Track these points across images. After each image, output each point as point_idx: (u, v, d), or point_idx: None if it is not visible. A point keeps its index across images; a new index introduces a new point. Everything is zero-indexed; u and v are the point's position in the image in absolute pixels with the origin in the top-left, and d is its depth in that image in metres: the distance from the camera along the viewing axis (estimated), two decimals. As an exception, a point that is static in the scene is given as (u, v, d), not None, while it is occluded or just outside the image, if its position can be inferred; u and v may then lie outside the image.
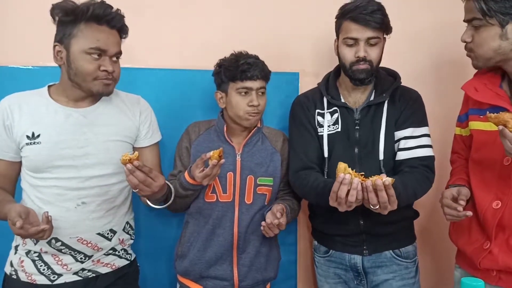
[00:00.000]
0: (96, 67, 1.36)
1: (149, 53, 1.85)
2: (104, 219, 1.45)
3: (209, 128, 1.67)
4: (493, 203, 1.39)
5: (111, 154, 1.43)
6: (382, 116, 1.60)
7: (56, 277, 1.41)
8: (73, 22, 1.35)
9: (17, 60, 1.75)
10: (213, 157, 1.42)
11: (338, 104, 1.64)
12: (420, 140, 1.58)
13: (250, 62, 1.55)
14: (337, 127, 1.63)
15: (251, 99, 1.56)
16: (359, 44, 1.53)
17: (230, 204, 1.59)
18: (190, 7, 1.89)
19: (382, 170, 1.57)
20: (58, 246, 1.40)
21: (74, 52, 1.35)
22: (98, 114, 1.45)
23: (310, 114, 1.67)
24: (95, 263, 1.46)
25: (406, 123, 1.59)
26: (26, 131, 1.38)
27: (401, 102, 1.62)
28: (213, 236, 1.60)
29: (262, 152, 1.65)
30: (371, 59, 1.55)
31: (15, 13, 1.77)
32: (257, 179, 1.61)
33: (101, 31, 1.37)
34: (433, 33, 2.01)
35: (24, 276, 1.41)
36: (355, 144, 1.60)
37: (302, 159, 1.62)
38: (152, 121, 1.58)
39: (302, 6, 1.95)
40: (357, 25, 1.51)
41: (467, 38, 1.38)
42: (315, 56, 1.95)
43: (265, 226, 1.50)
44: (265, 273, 1.64)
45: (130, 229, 1.57)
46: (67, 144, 1.38)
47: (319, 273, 1.72)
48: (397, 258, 1.60)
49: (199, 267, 1.60)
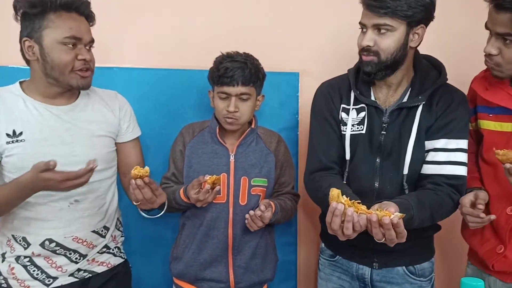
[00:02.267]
0: (73, 56, 1.32)
1: (148, 53, 1.84)
2: (98, 216, 1.44)
3: (203, 129, 1.65)
4: (507, 208, 1.37)
5: (97, 150, 1.42)
6: (414, 122, 1.38)
7: (52, 280, 1.38)
8: (41, 13, 1.29)
9: (17, 60, 1.75)
10: (208, 182, 1.40)
11: (367, 102, 1.44)
12: (453, 155, 1.36)
13: (229, 67, 1.50)
14: (362, 128, 1.43)
15: (228, 104, 1.53)
16: (367, 30, 1.35)
17: (224, 206, 1.57)
18: (189, 7, 1.88)
19: (404, 186, 1.39)
20: (52, 247, 1.37)
21: (47, 44, 1.30)
22: (79, 110, 1.42)
23: (335, 107, 1.48)
24: (90, 262, 1.44)
25: (440, 133, 1.38)
26: (5, 130, 1.31)
27: (439, 106, 1.39)
28: (207, 238, 1.58)
29: (256, 153, 1.62)
30: (378, 49, 1.34)
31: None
32: (251, 180, 1.59)
33: (72, 18, 1.32)
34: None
35: (16, 283, 1.36)
36: (378, 151, 1.42)
37: (321, 159, 1.46)
38: (132, 115, 1.56)
39: (302, 6, 1.92)
40: (364, 10, 1.34)
41: (494, 51, 1.28)
42: (315, 56, 1.92)
43: (249, 218, 1.48)
44: (262, 275, 1.62)
45: (120, 225, 1.57)
46: (52, 141, 1.34)
47: (321, 276, 1.62)
48: (411, 276, 1.44)
49: (194, 269, 1.59)
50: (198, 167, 1.59)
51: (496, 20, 1.25)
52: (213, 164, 1.58)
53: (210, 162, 1.59)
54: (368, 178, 1.42)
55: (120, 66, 1.78)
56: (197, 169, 1.59)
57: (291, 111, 1.91)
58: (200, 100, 1.84)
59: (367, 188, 1.41)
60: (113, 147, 1.50)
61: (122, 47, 1.78)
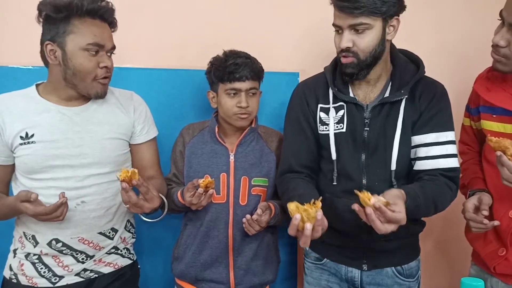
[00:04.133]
0: (95, 64, 1.33)
1: (148, 53, 1.84)
2: (105, 218, 1.43)
3: (203, 129, 1.65)
4: (510, 211, 1.36)
5: (108, 153, 1.41)
6: (399, 117, 1.36)
7: (58, 279, 1.39)
8: (66, 18, 1.29)
9: (17, 60, 1.75)
10: (201, 186, 1.40)
11: (346, 99, 1.41)
12: (445, 148, 1.35)
13: (238, 63, 1.52)
14: (342, 127, 1.41)
15: (240, 100, 1.53)
16: (343, 32, 1.33)
17: (224, 206, 1.57)
18: (189, 6, 1.88)
19: (393, 182, 1.37)
20: (58, 247, 1.38)
21: (70, 50, 1.30)
22: (91, 112, 1.42)
23: (310, 110, 1.46)
24: (97, 262, 1.44)
25: (428, 127, 1.36)
26: (19, 132, 1.34)
27: (422, 99, 1.38)
28: (207, 239, 1.58)
29: (256, 152, 1.62)
30: (357, 50, 1.31)
31: (15, 13, 1.78)
32: (251, 180, 1.59)
33: (96, 25, 1.33)
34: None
35: (24, 279, 1.39)
36: (362, 149, 1.39)
37: (290, 161, 1.47)
38: (147, 116, 1.54)
39: (302, 6, 1.92)
40: (337, 12, 1.31)
41: (503, 42, 1.25)
42: (315, 56, 1.92)
43: (246, 222, 1.47)
44: (263, 277, 1.61)
45: (131, 227, 1.55)
46: (62, 144, 1.36)
47: (308, 280, 1.55)
48: (399, 277, 1.45)
49: (195, 269, 1.59)
50: (198, 167, 1.59)
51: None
52: (213, 164, 1.58)
53: (209, 162, 1.58)
54: (355, 176, 1.40)
55: (120, 66, 1.77)
56: (197, 169, 1.58)
57: (291, 111, 1.91)
58: (200, 100, 1.84)
59: (356, 186, 1.36)
60: (125, 149, 1.48)
61: (122, 47, 1.77)
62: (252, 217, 1.45)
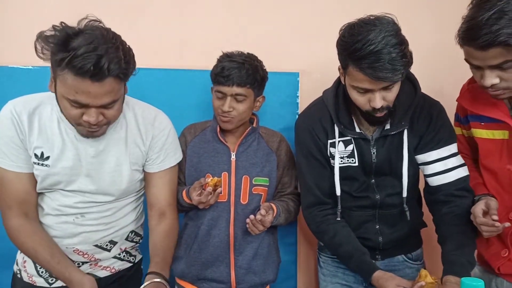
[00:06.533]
0: (79, 114, 1.20)
1: (148, 53, 1.84)
2: (103, 232, 1.40)
3: (205, 129, 1.65)
4: (510, 213, 1.38)
5: (117, 186, 1.38)
6: (403, 146, 1.44)
7: (54, 280, 1.38)
8: (60, 61, 1.12)
9: (17, 60, 1.75)
10: (209, 184, 1.40)
11: (355, 135, 1.46)
12: (450, 162, 1.44)
13: (225, 66, 1.50)
14: (353, 161, 1.47)
15: (222, 104, 1.53)
16: (373, 93, 1.31)
17: (225, 204, 1.57)
18: (189, 7, 1.88)
19: (405, 208, 1.49)
20: None
21: (58, 90, 1.19)
22: (107, 140, 1.35)
23: (322, 144, 1.50)
24: (93, 266, 1.43)
25: (429, 146, 1.44)
26: (35, 149, 1.29)
27: (420, 123, 1.45)
28: (208, 237, 1.58)
29: (257, 152, 1.62)
30: (388, 104, 1.34)
31: (14, 13, 1.79)
32: (252, 179, 1.59)
33: (83, 84, 1.13)
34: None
35: (26, 276, 1.40)
36: (373, 174, 1.49)
37: (315, 193, 1.51)
38: (166, 144, 1.45)
39: (303, 6, 1.93)
40: (370, 79, 1.27)
41: (495, 80, 1.24)
42: (315, 56, 1.93)
43: (249, 222, 1.48)
44: (264, 276, 1.62)
45: (135, 236, 1.50)
46: (73, 171, 1.32)
47: (323, 273, 1.65)
48: (409, 261, 1.58)
49: (195, 268, 1.58)
50: (199, 166, 1.59)
51: (485, 56, 1.19)
52: (214, 163, 1.58)
53: (211, 161, 1.59)
54: (367, 194, 1.51)
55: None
56: (198, 168, 1.59)
57: (291, 111, 1.91)
58: (200, 100, 1.84)
59: (371, 203, 1.51)
60: (138, 177, 1.44)
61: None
62: (256, 218, 1.46)
